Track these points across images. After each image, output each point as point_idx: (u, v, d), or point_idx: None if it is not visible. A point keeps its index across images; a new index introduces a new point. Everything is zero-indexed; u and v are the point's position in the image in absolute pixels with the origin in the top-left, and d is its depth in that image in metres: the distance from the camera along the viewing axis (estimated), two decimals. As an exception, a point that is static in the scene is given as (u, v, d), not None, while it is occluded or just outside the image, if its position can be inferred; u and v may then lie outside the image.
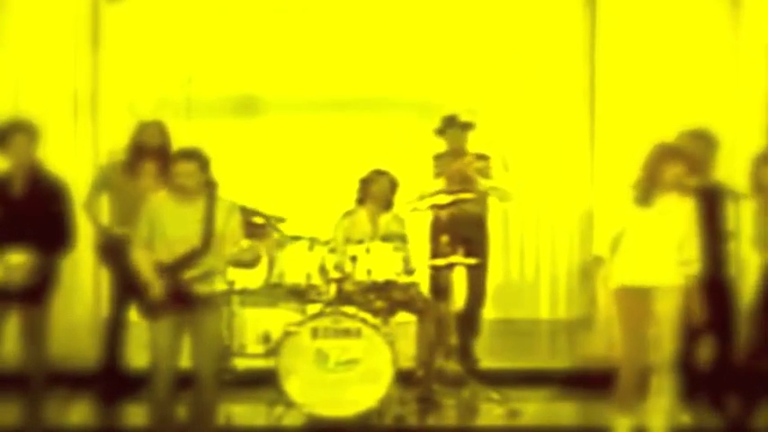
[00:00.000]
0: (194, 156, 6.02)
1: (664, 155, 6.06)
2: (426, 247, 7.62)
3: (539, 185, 9.53)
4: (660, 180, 6.04)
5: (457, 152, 7.77)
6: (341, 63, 9.58)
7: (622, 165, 6.31)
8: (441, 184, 7.59)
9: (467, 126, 7.82)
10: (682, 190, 6.08)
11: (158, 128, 7.30)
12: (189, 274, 5.91)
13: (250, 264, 6.41)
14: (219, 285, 6.15)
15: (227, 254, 6.02)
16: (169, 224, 5.97)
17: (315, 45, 9.59)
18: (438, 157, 7.84)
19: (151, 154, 7.17)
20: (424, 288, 7.34)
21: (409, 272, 7.03)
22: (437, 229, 7.49)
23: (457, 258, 7.04)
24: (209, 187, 6.06)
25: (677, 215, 6.08)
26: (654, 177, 6.05)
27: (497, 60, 9.61)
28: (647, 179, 6.07)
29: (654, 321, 6.06)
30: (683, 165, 6.06)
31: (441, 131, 7.84)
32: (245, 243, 6.05)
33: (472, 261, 7.23)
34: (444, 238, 7.08)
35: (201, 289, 5.95)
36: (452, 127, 7.80)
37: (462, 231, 7.27)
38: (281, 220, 7.33)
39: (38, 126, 6.38)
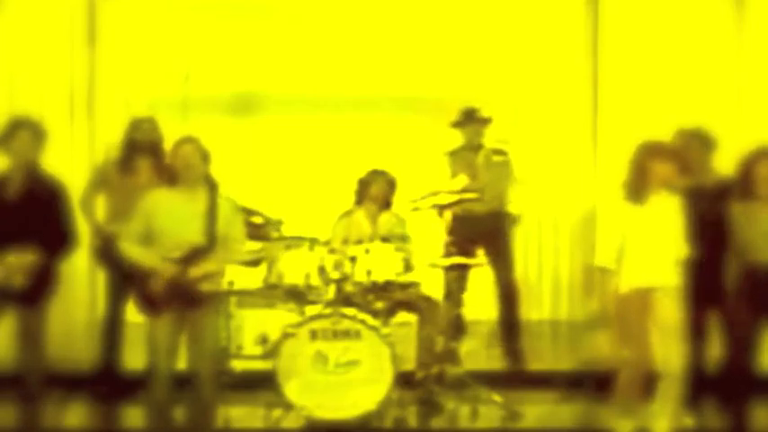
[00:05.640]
0: (194, 141, 5.97)
1: (651, 153, 6.04)
2: (431, 247, 7.56)
3: (541, 185, 9.47)
4: (649, 178, 6.00)
5: (474, 147, 7.72)
6: (340, 61, 9.55)
7: (625, 165, 6.24)
8: (462, 180, 7.49)
9: (486, 121, 7.78)
10: (670, 188, 6.04)
11: (151, 124, 7.27)
12: (191, 273, 5.83)
13: (254, 263, 6.36)
14: (221, 286, 6.09)
15: (234, 258, 5.98)
16: (168, 220, 5.88)
17: (313, 43, 9.56)
18: (453, 153, 7.78)
19: (144, 150, 7.15)
20: (437, 290, 7.25)
21: (410, 269, 6.96)
22: (448, 229, 7.44)
23: (459, 259, 6.99)
24: (210, 185, 5.98)
25: (668, 213, 6.05)
26: (642, 176, 6.01)
27: (499, 60, 9.58)
28: (635, 178, 6.04)
29: (655, 323, 6.01)
30: (673, 163, 6.03)
31: (459, 124, 7.79)
32: (255, 246, 5.99)
33: (473, 261, 7.17)
34: (448, 239, 7.03)
35: (203, 288, 5.87)
36: (472, 121, 7.75)
37: (475, 231, 7.21)
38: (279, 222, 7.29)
39: (42, 126, 6.32)
